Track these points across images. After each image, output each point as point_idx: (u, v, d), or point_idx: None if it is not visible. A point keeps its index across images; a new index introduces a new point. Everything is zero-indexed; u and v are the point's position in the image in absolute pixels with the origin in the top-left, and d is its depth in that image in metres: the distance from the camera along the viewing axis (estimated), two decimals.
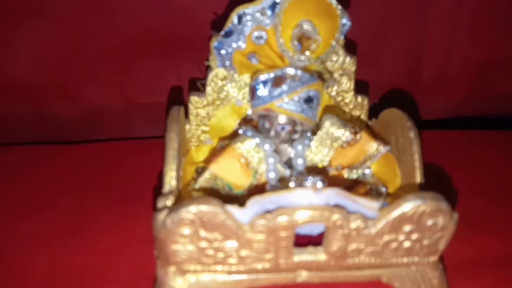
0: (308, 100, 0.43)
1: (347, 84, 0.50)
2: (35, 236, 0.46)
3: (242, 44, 0.45)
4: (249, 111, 0.48)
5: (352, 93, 0.50)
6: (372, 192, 0.44)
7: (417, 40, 0.59)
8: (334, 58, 0.48)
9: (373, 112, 0.51)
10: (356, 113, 0.51)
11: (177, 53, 0.58)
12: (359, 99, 0.51)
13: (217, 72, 0.48)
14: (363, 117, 0.52)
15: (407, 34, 0.58)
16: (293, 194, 0.36)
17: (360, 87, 0.51)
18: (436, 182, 0.42)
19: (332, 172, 0.44)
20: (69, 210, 0.50)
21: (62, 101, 0.61)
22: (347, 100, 0.51)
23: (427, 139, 0.50)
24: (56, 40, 0.56)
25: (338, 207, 0.36)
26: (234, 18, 0.44)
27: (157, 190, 0.41)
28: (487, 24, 0.58)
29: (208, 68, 0.49)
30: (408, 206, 0.36)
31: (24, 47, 0.56)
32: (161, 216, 0.36)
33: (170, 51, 0.58)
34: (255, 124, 0.47)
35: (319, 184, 0.36)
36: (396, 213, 0.36)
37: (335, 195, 0.37)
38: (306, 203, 0.36)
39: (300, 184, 0.37)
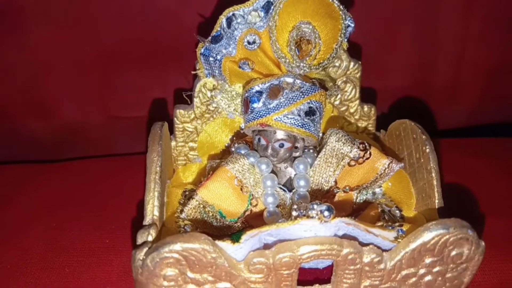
0: (310, 112, 0.38)
1: (352, 92, 0.45)
2: (1, 272, 0.41)
3: (233, 50, 0.40)
4: (242, 125, 0.43)
5: (357, 102, 0.45)
6: (385, 214, 0.39)
7: (427, 45, 0.55)
8: (337, 64, 0.43)
9: (381, 122, 0.46)
10: (363, 124, 0.46)
11: (161, 62, 0.53)
12: (366, 108, 0.46)
13: (205, 82, 0.43)
14: (371, 128, 0.47)
15: (415, 38, 0.55)
16: (296, 225, 0.31)
17: (366, 95, 0.46)
18: (454, 201, 0.38)
19: (339, 194, 0.39)
20: (41, 241, 0.44)
21: (38, 119, 0.57)
22: (352, 110, 0.46)
23: (442, 148, 0.45)
24: (28, 54, 0.52)
25: (348, 238, 0.31)
26: (222, 21, 0.39)
27: (138, 219, 0.35)
28: (498, 29, 0.55)
29: (195, 78, 0.43)
30: (429, 235, 0.31)
31: None
32: (141, 255, 0.30)
33: (154, 60, 0.53)
34: (249, 139, 0.42)
35: (326, 213, 0.31)
36: (416, 243, 0.31)
37: (345, 225, 0.31)
38: (311, 236, 0.31)
39: (304, 214, 0.31)
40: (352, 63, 0.44)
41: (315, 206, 0.31)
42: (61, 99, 0.55)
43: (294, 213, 0.32)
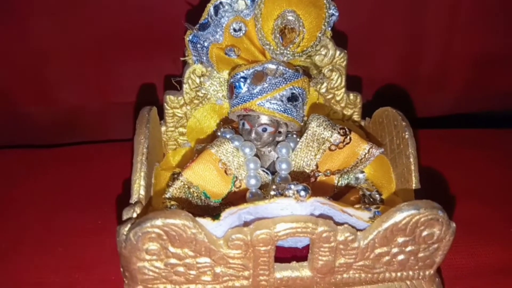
0: (292, 98, 0.39)
1: (338, 80, 0.46)
2: None
3: (220, 37, 0.41)
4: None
5: (343, 90, 0.46)
6: (365, 198, 0.40)
7: (413, 34, 0.56)
8: (323, 52, 0.44)
9: (367, 110, 0.47)
10: (348, 112, 0.47)
11: (157, 49, 0.54)
12: (351, 96, 0.47)
13: (194, 69, 0.44)
14: (356, 116, 0.48)
15: (402, 27, 0.55)
16: (273, 204, 0.32)
17: (353, 84, 0.47)
18: (432, 187, 0.39)
19: (320, 177, 0.40)
20: (37, 222, 0.46)
21: (38, 104, 0.58)
22: (338, 98, 0.47)
23: (423, 138, 0.47)
24: (29, 42, 0.53)
25: (324, 217, 0.33)
26: (210, 9, 0.41)
27: (127, 200, 0.37)
28: (485, 19, 0.56)
29: (185, 65, 0.45)
30: (401, 215, 0.32)
31: None
32: (125, 230, 0.32)
33: (148, 47, 0.54)
34: (235, 125, 0.43)
35: (302, 192, 0.32)
36: (388, 223, 0.32)
37: (320, 204, 0.33)
38: (288, 214, 0.32)
39: (281, 193, 0.32)
40: (338, 52, 0.45)
41: (292, 186, 0.32)
42: (60, 85, 0.57)
43: (272, 193, 0.33)
